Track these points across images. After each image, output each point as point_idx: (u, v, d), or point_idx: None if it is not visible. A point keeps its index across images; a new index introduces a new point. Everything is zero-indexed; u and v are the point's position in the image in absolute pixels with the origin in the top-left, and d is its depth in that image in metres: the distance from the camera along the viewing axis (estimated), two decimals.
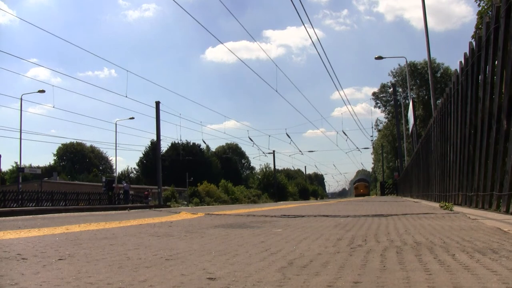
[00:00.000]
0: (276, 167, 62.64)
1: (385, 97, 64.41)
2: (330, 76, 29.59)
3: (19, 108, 33.63)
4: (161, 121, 27.00)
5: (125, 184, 30.88)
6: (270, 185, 59.16)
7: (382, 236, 2.36)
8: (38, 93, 33.72)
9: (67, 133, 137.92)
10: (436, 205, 7.14)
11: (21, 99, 33.70)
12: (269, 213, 4.73)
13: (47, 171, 65.58)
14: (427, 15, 15.97)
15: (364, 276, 1.28)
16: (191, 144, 66.22)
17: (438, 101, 15.06)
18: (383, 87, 64.59)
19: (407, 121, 33.64)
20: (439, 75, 56.44)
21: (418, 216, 4.14)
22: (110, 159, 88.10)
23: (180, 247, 2.02)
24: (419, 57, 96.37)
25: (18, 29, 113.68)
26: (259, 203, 34.67)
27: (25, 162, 58.27)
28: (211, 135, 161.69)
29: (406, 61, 34.76)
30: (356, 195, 73.60)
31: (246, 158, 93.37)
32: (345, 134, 52.99)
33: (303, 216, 4.26)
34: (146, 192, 33.89)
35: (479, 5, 23.68)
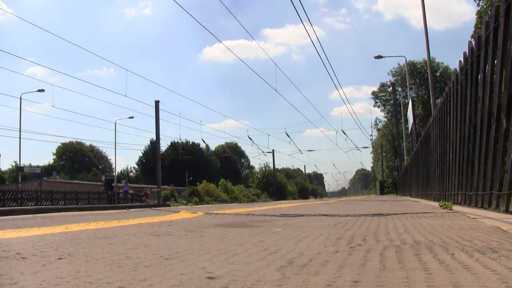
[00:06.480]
0: (276, 166, 62.70)
1: (384, 96, 64.43)
2: (330, 75, 29.50)
3: (18, 107, 33.65)
4: (160, 120, 27.01)
5: (124, 185, 30.81)
6: (270, 184, 59.13)
7: (381, 236, 2.36)
8: (37, 92, 33.72)
9: (66, 132, 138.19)
10: (436, 204, 7.15)
11: (21, 98, 33.70)
12: (269, 212, 4.73)
13: (47, 170, 65.50)
14: (426, 13, 15.98)
15: (363, 276, 1.28)
16: (190, 143, 66.19)
17: (437, 100, 15.06)
18: (383, 86, 64.63)
19: (406, 120, 33.65)
20: (438, 74, 56.44)
21: (418, 215, 4.14)
22: (109, 158, 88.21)
23: (179, 246, 2.02)
24: (419, 56, 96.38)
25: (15, 27, 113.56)
26: (259, 202, 34.66)
27: (25, 161, 58.22)
28: (211, 134, 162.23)
29: (406, 60, 34.87)
30: None
31: (246, 157, 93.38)
32: (345, 133, 53.13)
33: (302, 215, 4.26)
34: (145, 192, 33.53)
35: (478, 4, 23.69)
